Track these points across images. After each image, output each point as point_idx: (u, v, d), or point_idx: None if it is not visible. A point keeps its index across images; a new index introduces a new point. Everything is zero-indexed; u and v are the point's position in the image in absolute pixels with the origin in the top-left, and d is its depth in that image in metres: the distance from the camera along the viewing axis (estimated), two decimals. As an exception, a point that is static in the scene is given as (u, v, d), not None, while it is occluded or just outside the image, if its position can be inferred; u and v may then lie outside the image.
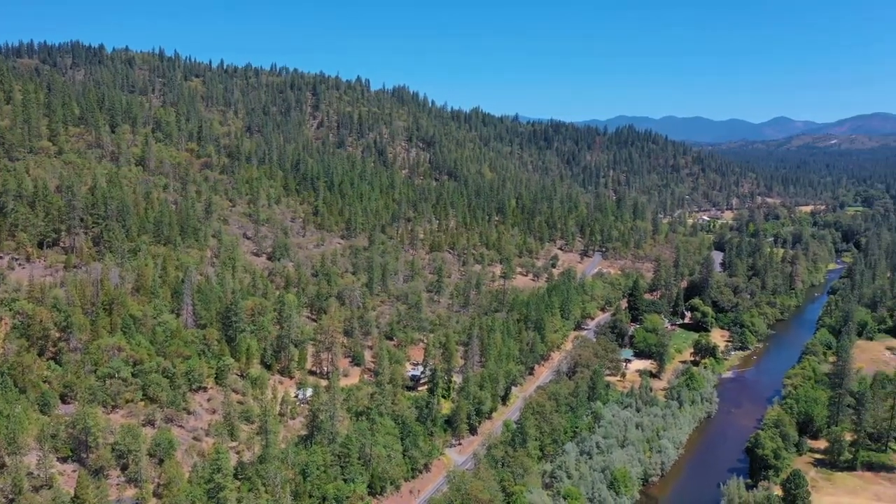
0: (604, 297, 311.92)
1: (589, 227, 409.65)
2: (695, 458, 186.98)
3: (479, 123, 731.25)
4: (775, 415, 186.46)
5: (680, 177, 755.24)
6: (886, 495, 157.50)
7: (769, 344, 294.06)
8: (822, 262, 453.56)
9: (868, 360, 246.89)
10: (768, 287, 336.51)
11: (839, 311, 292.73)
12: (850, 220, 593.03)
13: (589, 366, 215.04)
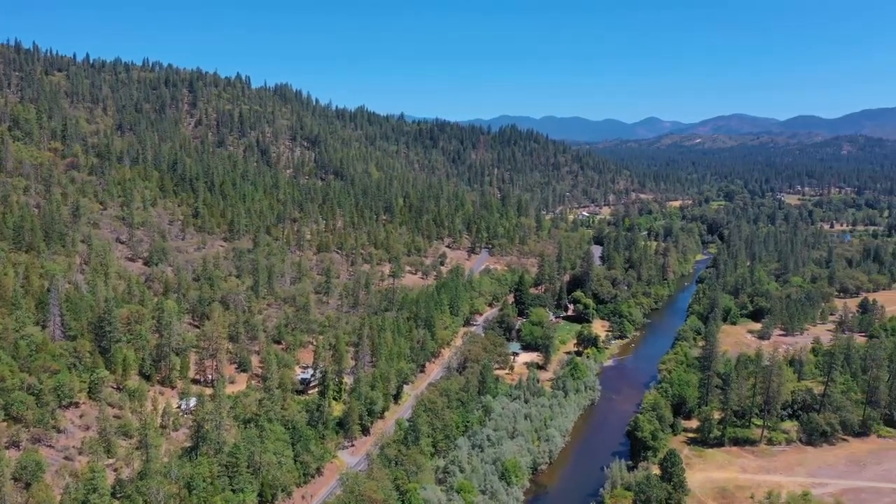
0: (491, 293, 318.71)
1: (475, 225, 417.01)
2: (580, 445, 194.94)
3: (365, 122, 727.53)
4: (652, 399, 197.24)
5: (561, 174, 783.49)
6: (750, 467, 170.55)
7: (645, 332, 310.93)
8: (691, 253, 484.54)
9: (732, 343, 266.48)
10: (644, 278, 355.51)
11: (706, 299, 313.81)
12: (715, 213, 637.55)
13: (478, 361, 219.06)
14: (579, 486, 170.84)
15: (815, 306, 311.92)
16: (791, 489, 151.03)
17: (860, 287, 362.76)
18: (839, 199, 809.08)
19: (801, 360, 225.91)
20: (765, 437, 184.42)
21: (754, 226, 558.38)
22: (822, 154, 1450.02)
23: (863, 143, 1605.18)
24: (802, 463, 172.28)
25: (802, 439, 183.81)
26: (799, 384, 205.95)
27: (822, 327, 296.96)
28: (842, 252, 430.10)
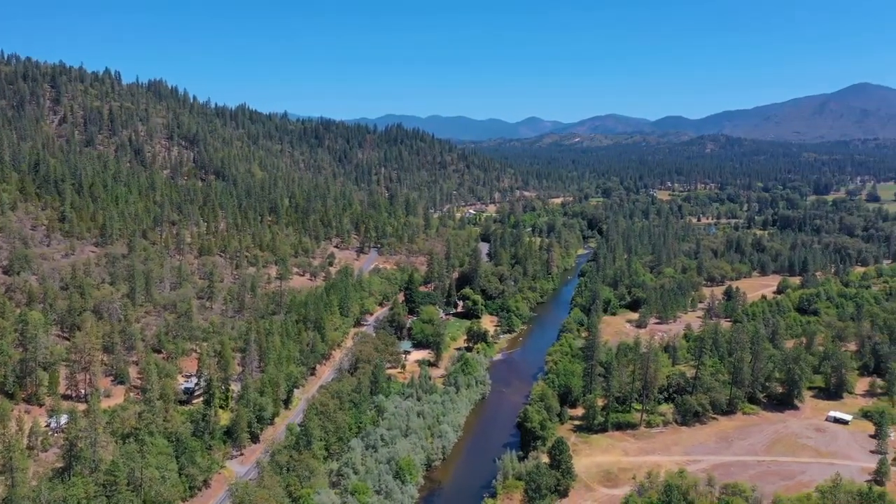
0: (381, 293, 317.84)
1: (364, 224, 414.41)
2: (473, 439, 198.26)
3: (247, 121, 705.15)
4: (540, 390, 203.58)
5: (447, 173, 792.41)
6: (632, 449, 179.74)
7: (533, 325, 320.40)
8: (573, 248, 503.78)
9: (613, 332, 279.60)
10: (529, 273, 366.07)
11: (588, 291, 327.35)
12: (594, 209, 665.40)
13: (370, 361, 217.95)
14: (473, 479, 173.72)
15: (686, 295, 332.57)
16: (669, 468, 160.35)
17: (725, 276, 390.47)
18: (705, 194, 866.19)
19: (674, 346, 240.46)
20: (644, 420, 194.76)
21: (630, 221, 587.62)
22: (688, 152, 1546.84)
23: (724, 141, 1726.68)
24: (678, 442, 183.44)
25: (678, 420, 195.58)
26: (673, 369, 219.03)
27: (692, 314, 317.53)
28: (708, 244, 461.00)
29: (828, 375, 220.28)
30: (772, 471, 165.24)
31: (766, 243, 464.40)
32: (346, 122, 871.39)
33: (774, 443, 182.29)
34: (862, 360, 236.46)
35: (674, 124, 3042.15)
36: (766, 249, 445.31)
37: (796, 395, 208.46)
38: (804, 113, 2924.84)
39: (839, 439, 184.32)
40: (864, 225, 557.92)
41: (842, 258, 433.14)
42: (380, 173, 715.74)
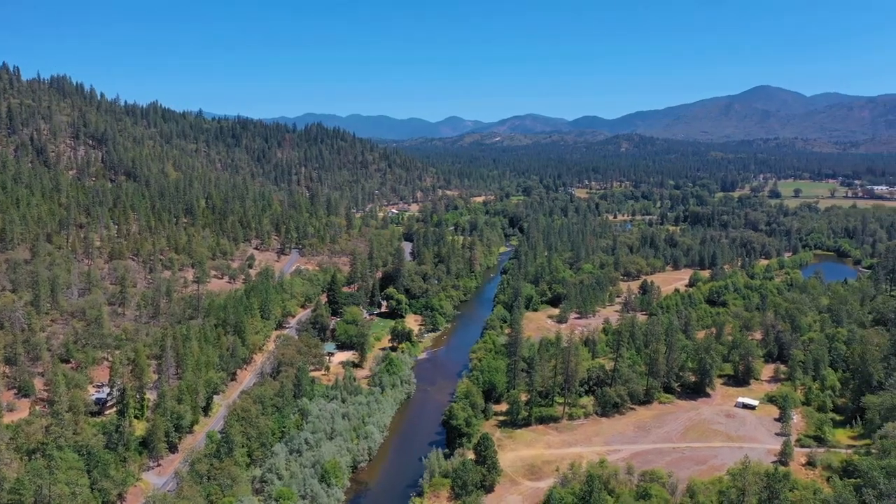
0: (304, 294, 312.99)
1: (284, 225, 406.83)
2: (399, 439, 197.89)
3: (159, 119, 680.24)
4: (465, 387, 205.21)
5: (369, 172, 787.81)
6: (555, 442, 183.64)
7: (456, 323, 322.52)
8: (495, 246, 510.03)
9: (535, 328, 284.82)
10: (452, 272, 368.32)
11: (510, 289, 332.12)
12: (515, 208, 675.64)
13: (293, 364, 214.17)
14: (400, 479, 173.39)
15: (604, 290, 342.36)
16: (590, 458, 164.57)
17: (640, 270, 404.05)
18: (620, 192, 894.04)
19: (594, 340, 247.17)
20: (566, 413, 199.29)
21: (550, 218, 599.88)
22: (604, 151, 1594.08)
23: (638, 141, 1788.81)
24: (599, 433, 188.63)
25: (598, 412, 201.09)
26: (593, 362, 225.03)
27: (610, 308, 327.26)
28: (624, 240, 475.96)
29: (736, 363, 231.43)
30: (686, 456, 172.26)
31: (678, 239, 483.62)
32: (265, 121, 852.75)
33: (688, 429, 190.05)
34: (767, 347, 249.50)
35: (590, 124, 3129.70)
36: (679, 245, 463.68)
37: (708, 384, 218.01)
38: (711, 113, 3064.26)
39: (747, 424, 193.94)
40: (767, 220, 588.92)
41: (747, 252, 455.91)
42: (300, 173, 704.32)
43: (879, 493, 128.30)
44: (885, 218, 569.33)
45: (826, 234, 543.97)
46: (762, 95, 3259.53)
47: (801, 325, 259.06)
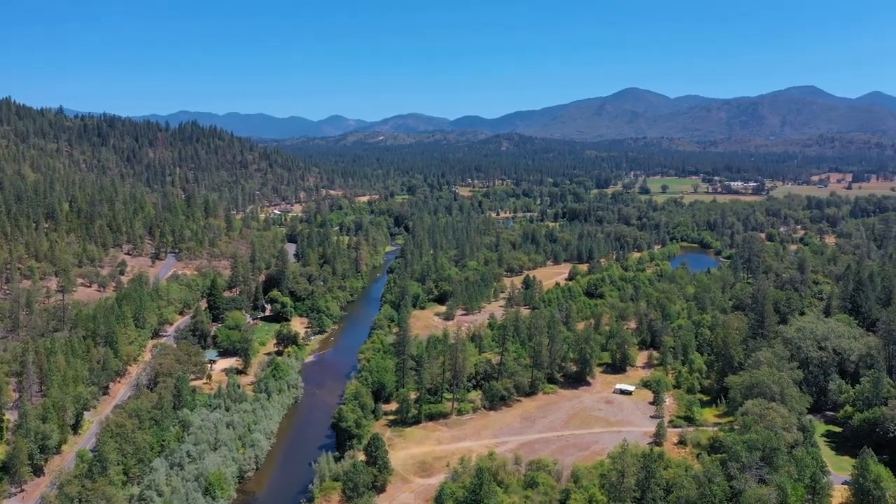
0: (182, 300, 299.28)
1: (159, 229, 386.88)
2: (288, 445, 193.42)
3: (13, 116, 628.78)
4: (354, 388, 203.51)
5: (249, 172, 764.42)
6: (445, 438, 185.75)
7: (344, 324, 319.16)
8: (381, 245, 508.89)
9: (423, 326, 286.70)
10: (338, 272, 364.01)
11: (397, 287, 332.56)
12: (400, 207, 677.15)
13: (172, 374, 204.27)
14: (289, 486, 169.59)
15: (489, 286, 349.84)
16: (480, 452, 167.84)
17: (523, 266, 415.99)
18: (502, 189, 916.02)
19: (480, 335, 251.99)
20: (455, 408, 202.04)
21: (435, 217, 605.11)
22: (486, 150, 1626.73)
23: (518, 140, 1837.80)
24: (487, 427, 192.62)
25: (486, 406, 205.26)
26: (480, 357, 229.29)
27: (495, 304, 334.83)
28: (507, 237, 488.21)
29: (614, 352, 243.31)
30: (570, 443, 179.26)
31: (557, 234, 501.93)
32: (134, 118, 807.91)
33: (571, 417, 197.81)
34: (641, 335, 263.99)
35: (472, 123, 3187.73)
36: (558, 240, 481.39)
37: (588, 372, 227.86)
38: (585, 114, 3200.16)
39: (625, 409, 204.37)
40: (638, 215, 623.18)
41: (621, 245, 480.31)
42: (175, 174, 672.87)
43: (742, 465, 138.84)
44: (741, 211, 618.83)
45: (691, 227, 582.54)
46: (631, 97, 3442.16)
47: (671, 313, 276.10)
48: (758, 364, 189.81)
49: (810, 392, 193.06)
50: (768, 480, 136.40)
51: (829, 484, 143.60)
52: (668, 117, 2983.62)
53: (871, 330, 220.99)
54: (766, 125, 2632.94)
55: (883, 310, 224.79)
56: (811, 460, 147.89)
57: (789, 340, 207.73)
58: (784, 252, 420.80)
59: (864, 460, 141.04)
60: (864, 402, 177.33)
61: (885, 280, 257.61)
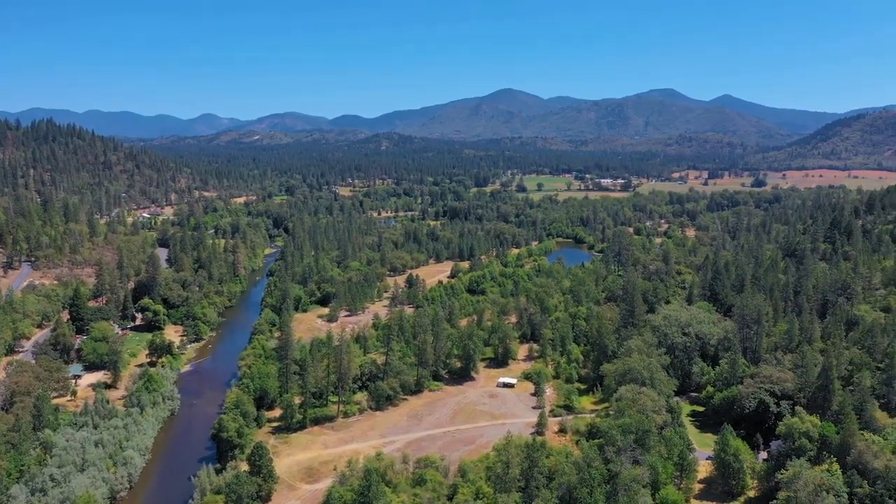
0: (40, 313, 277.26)
1: (11, 235, 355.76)
2: (165, 460, 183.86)
3: None
4: (235, 396, 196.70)
5: (114, 174, 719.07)
6: (331, 441, 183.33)
7: (222, 331, 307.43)
8: (260, 247, 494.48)
9: (306, 329, 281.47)
10: (215, 277, 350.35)
11: (278, 291, 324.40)
12: (279, 208, 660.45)
13: (30, 392, 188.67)
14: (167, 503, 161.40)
15: (372, 286, 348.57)
16: (367, 453, 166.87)
17: (405, 265, 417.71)
18: (383, 189, 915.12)
19: (365, 336, 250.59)
20: (341, 411, 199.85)
21: (315, 217, 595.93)
22: (366, 149, 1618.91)
23: (397, 139, 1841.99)
24: (374, 427, 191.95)
25: (372, 406, 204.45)
26: (365, 357, 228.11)
27: (379, 304, 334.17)
28: (389, 236, 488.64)
29: (496, 346, 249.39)
30: (456, 439, 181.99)
31: (439, 233, 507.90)
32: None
33: (457, 413, 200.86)
34: (521, 329, 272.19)
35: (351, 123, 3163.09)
36: (440, 238, 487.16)
37: (472, 368, 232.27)
38: (463, 114, 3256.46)
39: (508, 401, 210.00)
40: (516, 212, 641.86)
41: (501, 242, 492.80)
42: (28, 176, 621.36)
43: (618, 448, 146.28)
44: (611, 207, 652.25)
45: (565, 223, 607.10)
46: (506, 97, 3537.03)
47: (549, 307, 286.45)
48: (629, 352, 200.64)
49: (676, 375, 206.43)
50: (641, 461, 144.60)
51: (695, 460, 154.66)
52: (541, 117, 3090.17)
53: (727, 315, 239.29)
54: (631, 125, 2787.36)
55: (737, 296, 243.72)
56: (679, 439, 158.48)
57: (657, 328, 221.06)
58: (650, 245, 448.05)
59: (724, 436, 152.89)
60: (724, 382, 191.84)
61: (739, 269, 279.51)
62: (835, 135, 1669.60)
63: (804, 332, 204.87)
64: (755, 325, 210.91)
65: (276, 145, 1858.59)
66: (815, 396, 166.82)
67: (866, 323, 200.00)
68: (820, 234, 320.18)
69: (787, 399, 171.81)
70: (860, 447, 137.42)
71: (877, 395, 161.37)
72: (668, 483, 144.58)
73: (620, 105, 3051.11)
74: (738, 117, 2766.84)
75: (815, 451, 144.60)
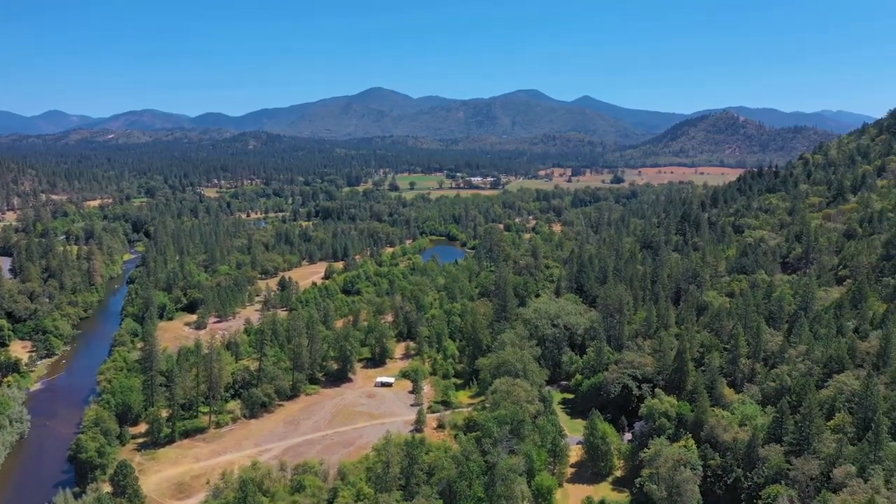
0: None
1: None
2: (14, 488, 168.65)
3: None
4: (94, 414, 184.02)
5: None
6: (203, 454, 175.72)
7: (78, 344, 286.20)
8: (118, 253, 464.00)
9: (172, 338, 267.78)
10: (67, 287, 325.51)
11: (140, 299, 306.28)
12: (138, 210, 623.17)
13: None
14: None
15: (243, 290, 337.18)
16: (242, 463, 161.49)
17: (277, 267, 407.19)
18: (252, 189, 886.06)
19: (236, 342, 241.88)
20: (213, 422, 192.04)
21: (179, 220, 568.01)
22: (232, 149, 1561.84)
23: (265, 138, 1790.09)
24: (249, 436, 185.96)
25: (246, 415, 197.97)
26: (237, 364, 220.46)
27: (251, 308, 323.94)
28: (260, 238, 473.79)
29: (373, 346, 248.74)
30: (335, 442, 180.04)
31: (311, 233, 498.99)
32: None
33: (335, 416, 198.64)
34: (398, 328, 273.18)
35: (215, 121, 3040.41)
36: (313, 239, 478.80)
37: (350, 369, 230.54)
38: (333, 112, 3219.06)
39: (387, 401, 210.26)
40: (390, 211, 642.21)
41: (375, 241, 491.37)
42: None
43: (494, 440, 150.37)
44: (481, 205, 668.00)
45: (438, 221, 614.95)
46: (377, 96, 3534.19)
47: (425, 304, 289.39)
48: (503, 345, 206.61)
49: (547, 366, 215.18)
50: (517, 450, 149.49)
51: (567, 446, 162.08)
52: (412, 117, 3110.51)
53: (592, 306, 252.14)
54: (498, 125, 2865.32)
55: (601, 287, 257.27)
56: (551, 427, 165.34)
57: (528, 321, 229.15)
58: (520, 241, 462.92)
59: (592, 421, 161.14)
60: (591, 370, 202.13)
61: (601, 261, 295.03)
62: (683, 134, 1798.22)
63: (661, 319, 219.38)
64: (618, 314, 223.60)
65: (134, 144, 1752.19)
66: (672, 378, 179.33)
67: (714, 308, 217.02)
68: (672, 226, 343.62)
69: (647, 382, 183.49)
70: (711, 422, 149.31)
71: (724, 373, 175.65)
72: (542, 469, 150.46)
73: (488, 105, 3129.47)
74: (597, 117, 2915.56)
75: (673, 429, 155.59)
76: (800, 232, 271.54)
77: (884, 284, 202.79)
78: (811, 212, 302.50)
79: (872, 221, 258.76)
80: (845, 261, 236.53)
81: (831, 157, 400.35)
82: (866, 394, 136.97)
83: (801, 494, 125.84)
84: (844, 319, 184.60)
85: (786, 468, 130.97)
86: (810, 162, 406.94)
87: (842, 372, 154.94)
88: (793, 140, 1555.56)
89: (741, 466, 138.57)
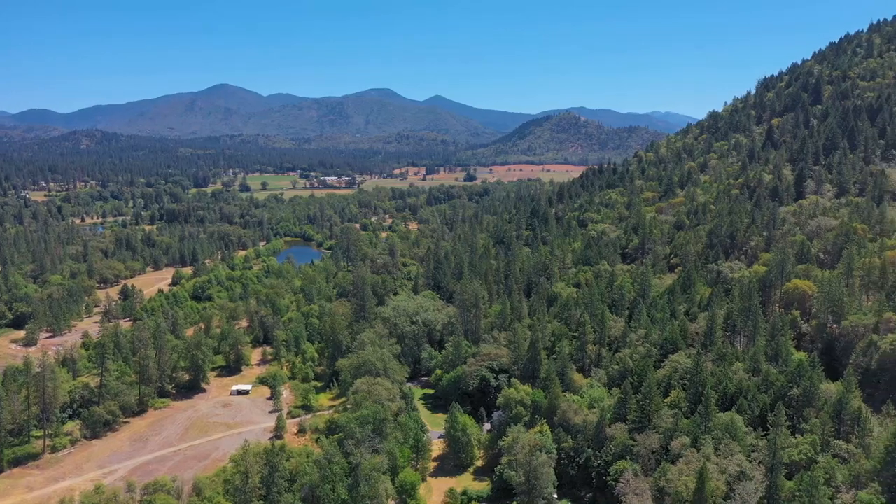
0: None
1: None
2: None
3: None
4: None
5: None
6: (37, 482, 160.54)
7: None
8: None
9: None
10: None
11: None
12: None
13: None
14: None
15: (80, 301, 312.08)
16: (84, 488, 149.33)
17: (119, 275, 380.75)
18: (87, 192, 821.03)
19: (73, 358, 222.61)
20: (48, 446, 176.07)
21: (2, 227, 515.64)
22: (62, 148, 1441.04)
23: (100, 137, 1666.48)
24: (91, 458, 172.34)
25: (87, 435, 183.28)
26: (75, 382, 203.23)
27: (89, 321, 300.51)
28: (97, 244, 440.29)
29: (227, 353, 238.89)
30: (189, 456, 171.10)
31: (156, 238, 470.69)
32: None
33: (188, 429, 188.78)
34: (253, 333, 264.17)
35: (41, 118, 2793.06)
36: (157, 244, 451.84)
37: (202, 379, 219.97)
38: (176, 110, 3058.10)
39: (244, 409, 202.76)
40: (241, 213, 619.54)
41: (226, 244, 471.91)
42: None
43: (357, 441, 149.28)
44: (337, 204, 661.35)
45: (293, 221, 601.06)
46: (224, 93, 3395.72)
47: (281, 308, 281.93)
48: (363, 345, 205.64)
49: (408, 362, 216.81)
50: (380, 449, 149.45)
51: (429, 440, 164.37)
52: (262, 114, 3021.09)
53: (450, 301, 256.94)
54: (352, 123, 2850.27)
55: (457, 283, 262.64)
56: (413, 423, 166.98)
57: (387, 319, 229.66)
58: (377, 240, 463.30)
59: (452, 414, 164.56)
60: (450, 364, 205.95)
61: (457, 258, 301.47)
62: (530, 133, 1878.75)
63: (515, 311, 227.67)
64: (474, 308, 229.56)
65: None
66: (527, 367, 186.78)
67: (563, 298, 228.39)
68: (522, 222, 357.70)
69: (504, 373, 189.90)
70: (563, 407, 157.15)
71: (574, 360, 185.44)
72: (405, 466, 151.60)
73: (341, 103, 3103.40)
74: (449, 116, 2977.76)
75: (528, 416, 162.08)
76: (636, 224, 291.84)
77: (708, 270, 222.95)
78: (646, 205, 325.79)
79: (698, 213, 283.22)
80: (676, 250, 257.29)
81: (661, 155, 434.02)
82: (696, 370, 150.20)
83: (644, 467, 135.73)
84: (676, 304, 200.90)
85: (630, 444, 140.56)
86: (644, 159, 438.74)
87: (675, 352, 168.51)
88: (628, 139, 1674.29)
89: (591, 446, 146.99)
